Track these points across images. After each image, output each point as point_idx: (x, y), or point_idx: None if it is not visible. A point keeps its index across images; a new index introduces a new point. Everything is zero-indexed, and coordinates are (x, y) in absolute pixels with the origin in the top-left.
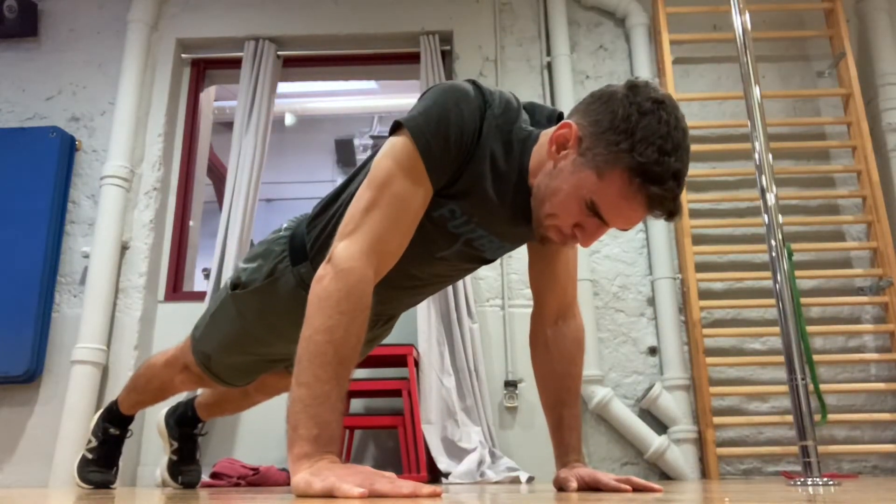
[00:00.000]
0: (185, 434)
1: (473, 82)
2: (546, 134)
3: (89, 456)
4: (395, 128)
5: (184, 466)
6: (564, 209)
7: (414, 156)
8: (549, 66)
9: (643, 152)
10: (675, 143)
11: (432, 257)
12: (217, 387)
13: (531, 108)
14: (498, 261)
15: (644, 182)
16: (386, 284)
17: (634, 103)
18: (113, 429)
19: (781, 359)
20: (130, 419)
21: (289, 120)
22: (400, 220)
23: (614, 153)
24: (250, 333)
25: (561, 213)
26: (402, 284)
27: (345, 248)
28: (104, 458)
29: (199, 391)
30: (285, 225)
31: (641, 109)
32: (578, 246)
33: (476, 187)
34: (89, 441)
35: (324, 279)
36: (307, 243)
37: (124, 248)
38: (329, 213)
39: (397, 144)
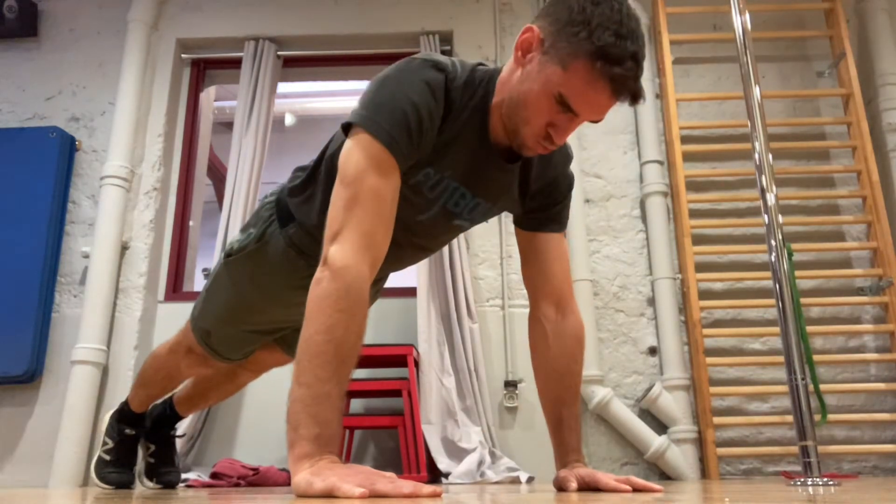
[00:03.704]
0: (163, 435)
1: (431, 61)
2: (513, 50)
3: (106, 457)
4: (348, 127)
5: (162, 468)
6: (536, 109)
7: (380, 149)
8: None
9: (601, 37)
10: (630, 29)
11: (413, 221)
12: (214, 364)
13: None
14: (498, 261)
15: (605, 64)
16: None
17: None
18: (128, 429)
19: (781, 359)
20: (143, 417)
21: (289, 120)
22: (381, 211)
23: (574, 43)
24: (245, 300)
25: (533, 115)
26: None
27: (337, 249)
28: (121, 458)
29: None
30: (271, 191)
31: (594, 1)
32: (577, 246)
33: (447, 147)
34: (105, 443)
35: (322, 281)
36: (292, 208)
37: (124, 248)
38: (312, 179)
39: (362, 141)
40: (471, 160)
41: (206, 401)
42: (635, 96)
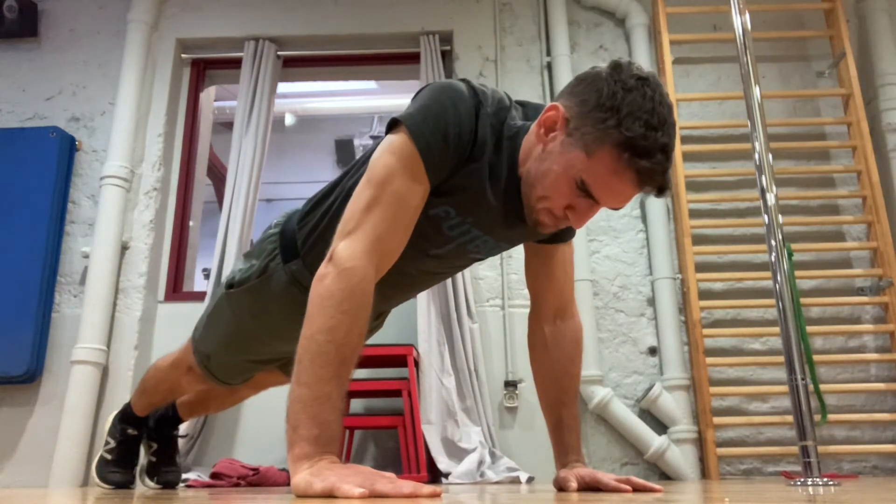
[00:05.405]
0: (166, 435)
1: (467, 81)
2: (536, 124)
3: (108, 457)
4: (393, 125)
5: (163, 467)
6: (555, 190)
7: (413, 154)
8: (549, 67)
9: (630, 127)
10: (661, 118)
11: (425, 255)
12: (213, 385)
13: (523, 104)
14: (498, 261)
15: (633, 156)
16: (379, 282)
17: (619, 81)
18: (131, 430)
19: (781, 359)
20: (146, 419)
21: (289, 120)
22: (400, 218)
23: (602, 130)
24: (246, 332)
25: (552, 195)
26: (394, 282)
27: (346, 247)
28: (122, 458)
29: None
30: (275, 221)
31: (626, 86)
32: (577, 246)
33: (470, 186)
34: (107, 442)
35: (326, 278)
36: (298, 240)
37: (124, 248)
38: (321, 209)
39: (396, 142)
40: (498, 217)
41: (206, 409)
42: (661, 189)
